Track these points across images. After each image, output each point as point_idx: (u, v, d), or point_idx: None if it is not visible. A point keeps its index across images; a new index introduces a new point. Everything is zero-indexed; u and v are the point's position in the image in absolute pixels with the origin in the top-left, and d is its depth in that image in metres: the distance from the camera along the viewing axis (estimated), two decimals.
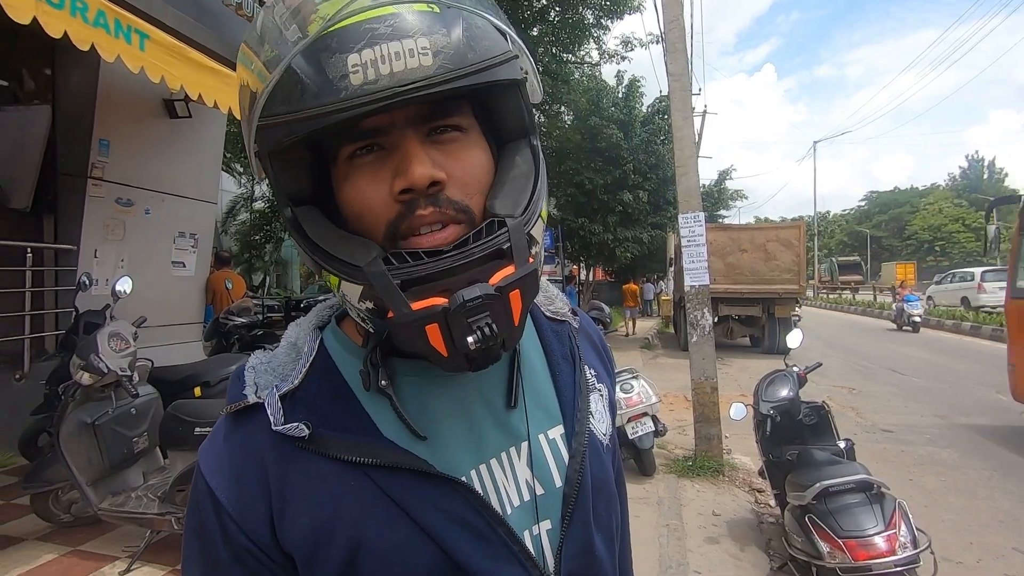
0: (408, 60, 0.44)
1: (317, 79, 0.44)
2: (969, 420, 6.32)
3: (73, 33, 2.72)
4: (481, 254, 0.47)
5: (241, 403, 0.53)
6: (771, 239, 11.16)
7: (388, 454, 0.51)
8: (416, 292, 0.46)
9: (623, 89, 14.47)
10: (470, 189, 0.50)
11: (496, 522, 0.52)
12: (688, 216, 4.91)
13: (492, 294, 0.45)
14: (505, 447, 0.56)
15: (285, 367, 0.55)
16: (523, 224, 0.50)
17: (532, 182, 0.53)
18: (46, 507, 3.14)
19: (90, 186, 4.67)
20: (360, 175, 0.49)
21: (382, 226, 0.49)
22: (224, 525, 0.50)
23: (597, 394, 0.66)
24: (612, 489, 0.64)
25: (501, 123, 0.54)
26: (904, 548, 2.33)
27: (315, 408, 0.52)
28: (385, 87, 0.43)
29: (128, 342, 3.00)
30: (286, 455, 0.51)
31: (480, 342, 0.45)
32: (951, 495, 4.24)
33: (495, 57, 0.48)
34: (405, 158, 0.47)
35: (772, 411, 3.17)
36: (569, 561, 0.56)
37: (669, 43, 5.27)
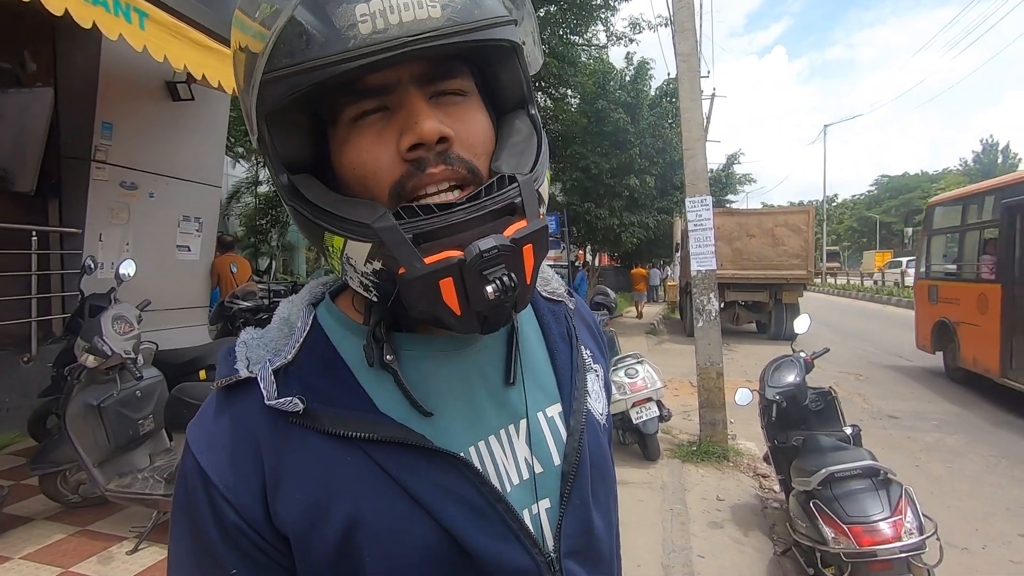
0: (417, 11, 0.43)
1: (323, 29, 0.42)
2: (976, 407, 6.27)
3: (74, 10, 2.69)
4: (494, 207, 0.46)
5: (232, 377, 0.51)
6: (779, 224, 11.06)
7: (385, 429, 0.49)
8: (428, 247, 0.44)
9: (631, 71, 14.25)
10: (476, 150, 0.50)
11: (495, 499, 0.51)
12: (695, 200, 4.85)
13: (508, 245, 0.44)
14: (504, 424, 0.56)
15: (278, 342, 0.54)
16: (532, 180, 0.49)
17: (536, 145, 0.53)
18: (54, 488, 3.17)
19: (94, 169, 4.65)
20: (363, 136, 0.48)
21: (387, 187, 0.47)
22: (215, 503, 0.48)
23: (593, 374, 0.66)
24: (610, 468, 0.64)
25: (500, 92, 0.54)
26: (910, 534, 2.32)
27: (309, 383, 0.51)
28: (395, 36, 0.42)
29: (132, 325, 3.00)
30: (279, 431, 0.49)
31: (499, 292, 0.44)
32: (958, 481, 4.22)
33: (500, 16, 0.48)
34: (412, 114, 0.46)
35: (778, 396, 3.15)
36: (568, 539, 0.55)
37: (678, 23, 5.17)
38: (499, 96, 0.54)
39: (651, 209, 14.35)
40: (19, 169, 4.55)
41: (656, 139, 13.82)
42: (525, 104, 0.55)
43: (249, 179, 16.55)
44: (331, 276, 0.61)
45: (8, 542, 2.89)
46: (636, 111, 13.29)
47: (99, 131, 4.65)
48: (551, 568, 0.53)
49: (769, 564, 3.03)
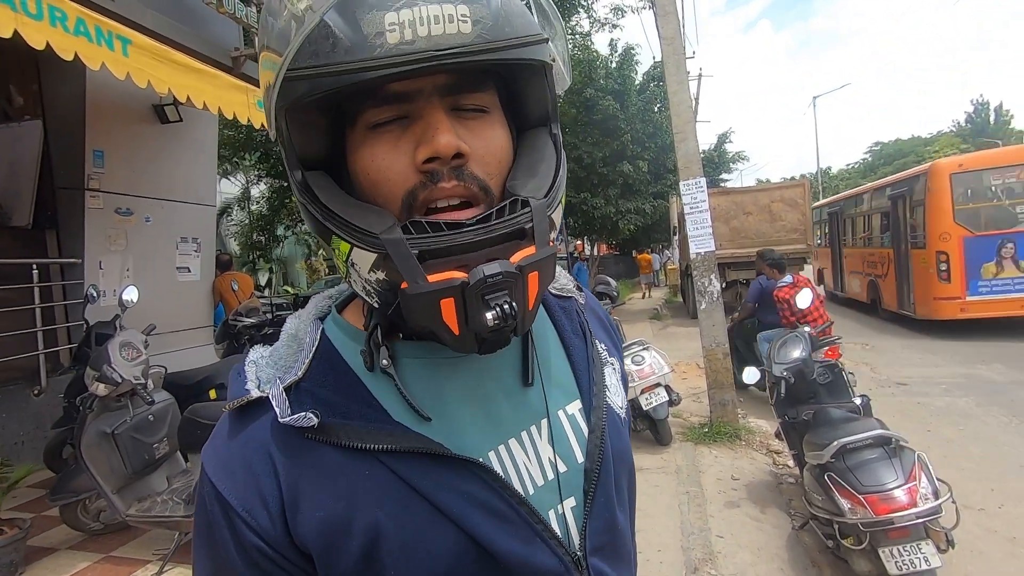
0: (447, 25, 0.43)
1: (351, 34, 0.42)
2: (986, 367, 6.28)
3: (55, 43, 2.70)
4: (503, 231, 0.46)
5: (244, 398, 0.51)
6: (775, 200, 11.03)
7: (401, 439, 0.49)
8: (433, 265, 0.44)
9: (617, 58, 14.20)
10: (491, 168, 0.49)
11: (518, 502, 0.51)
12: (690, 183, 4.85)
13: (512, 272, 0.44)
14: (525, 426, 0.55)
15: (287, 359, 0.54)
16: (545, 206, 0.49)
17: (554, 168, 0.52)
18: (75, 517, 3.20)
19: (88, 198, 4.68)
20: (380, 142, 0.48)
21: (399, 196, 0.47)
22: (234, 526, 0.48)
23: (610, 367, 0.66)
24: (631, 460, 0.64)
25: (524, 108, 0.54)
26: (925, 500, 2.33)
27: (321, 398, 0.51)
28: (421, 49, 0.42)
29: (139, 350, 3.02)
30: (295, 448, 0.49)
31: (499, 319, 0.43)
32: (970, 443, 4.23)
33: (530, 36, 0.47)
34: (431, 127, 0.46)
35: (785, 372, 3.16)
36: (594, 537, 0.55)
37: (659, 6, 5.15)
38: (522, 112, 0.54)
39: (646, 194, 14.31)
40: (14, 203, 4.57)
41: (646, 124, 13.77)
42: (548, 122, 0.54)
43: (240, 196, 16.56)
44: (335, 289, 0.62)
45: (34, 573, 2.92)
46: (624, 97, 13.24)
47: (91, 159, 4.66)
48: (578, 566, 0.53)
49: (788, 539, 3.05)
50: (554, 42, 0.52)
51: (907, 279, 8.72)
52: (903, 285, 8.91)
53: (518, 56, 0.46)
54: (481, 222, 0.46)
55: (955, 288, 7.53)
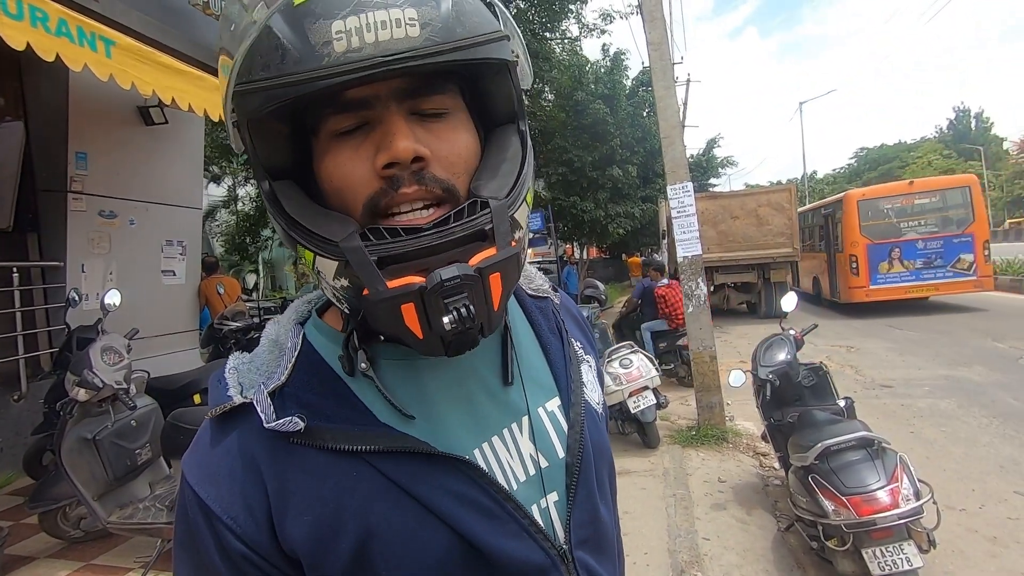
0: (394, 30, 0.43)
1: (298, 44, 0.42)
2: (968, 369, 6.38)
3: (36, 44, 2.66)
4: (462, 234, 0.46)
5: (226, 405, 0.51)
6: (762, 204, 11.14)
7: (387, 439, 0.49)
8: (393, 270, 0.44)
9: (607, 63, 14.30)
10: (455, 168, 0.49)
11: (504, 498, 0.52)
12: (676, 187, 4.88)
13: (471, 275, 0.44)
14: (506, 423, 0.56)
15: (269, 365, 0.54)
16: (507, 207, 0.48)
17: (518, 166, 0.52)
18: (55, 524, 3.15)
19: (71, 200, 4.61)
20: (341, 149, 0.48)
21: (361, 202, 0.47)
22: (219, 534, 0.48)
23: (586, 364, 0.67)
24: (610, 454, 0.65)
25: (489, 106, 0.53)
26: (907, 500, 2.36)
27: (305, 402, 0.50)
28: (369, 56, 0.42)
29: (122, 355, 2.98)
30: (280, 453, 0.49)
31: (456, 323, 0.43)
32: (952, 444, 4.29)
33: (484, 35, 0.47)
34: (388, 132, 0.46)
35: (771, 375, 3.19)
36: (578, 530, 0.56)
37: (646, 12, 5.19)
38: (488, 111, 0.54)
39: (635, 198, 14.40)
40: None
41: (635, 129, 13.88)
42: (516, 119, 0.54)
43: (226, 198, 16.42)
44: (314, 294, 0.62)
45: None
46: (614, 102, 13.33)
47: (73, 162, 4.60)
48: (564, 559, 0.54)
49: (774, 541, 3.07)
50: (514, 39, 0.52)
51: (835, 275, 11.57)
52: (832, 279, 11.71)
53: (473, 56, 0.46)
54: (438, 226, 0.46)
55: (862, 280, 10.38)
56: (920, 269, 9.99)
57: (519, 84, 0.53)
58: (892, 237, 10.23)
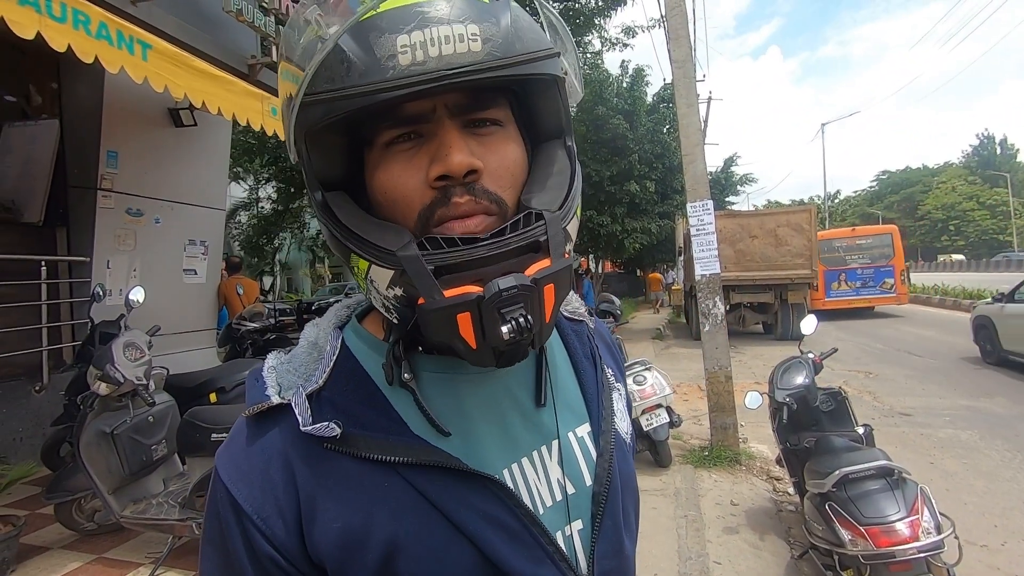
0: (457, 45, 0.44)
1: (365, 58, 0.44)
2: (990, 400, 6.23)
3: (76, 46, 2.75)
4: (517, 244, 0.46)
5: (264, 404, 0.51)
6: (781, 224, 11.04)
7: (420, 452, 0.49)
8: (449, 280, 0.45)
9: (628, 78, 14.35)
10: (504, 182, 0.50)
11: (530, 522, 0.51)
12: (696, 205, 4.86)
13: (528, 285, 0.44)
14: (536, 446, 0.56)
15: (307, 366, 0.54)
16: (560, 219, 0.49)
17: (568, 179, 0.52)
18: (70, 516, 3.19)
19: (100, 198, 4.72)
20: (395, 161, 0.49)
21: (415, 213, 0.48)
22: (248, 534, 0.48)
23: (617, 393, 0.66)
24: (636, 486, 0.64)
25: (538, 121, 0.54)
26: (928, 534, 2.30)
27: (342, 407, 0.50)
28: (433, 69, 0.43)
29: (143, 351, 3.03)
30: (314, 457, 0.49)
31: (514, 333, 0.43)
32: (973, 477, 4.18)
33: (540, 51, 0.48)
34: (443, 145, 0.47)
35: (788, 399, 3.14)
36: (602, 561, 0.55)
37: (671, 30, 5.22)
38: (537, 126, 0.54)
39: (652, 214, 14.35)
40: (27, 200, 4.62)
41: (655, 145, 13.87)
42: (563, 135, 0.55)
43: (247, 199, 16.67)
44: (353, 299, 0.62)
45: (25, 572, 2.90)
46: (634, 117, 13.35)
47: (104, 160, 4.72)
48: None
49: (786, 568, 3.01)
50: (565, 56, 0.53)
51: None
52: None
53: (529, 71, 0.47)
54: (495, 236, 0.46)
55: (820, 294, 13.37)
56: (859, 288, 13.95)
57: (567, 100, 0.54)
58: (840, 265, 13.94)
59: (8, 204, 4.60)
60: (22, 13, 2.50)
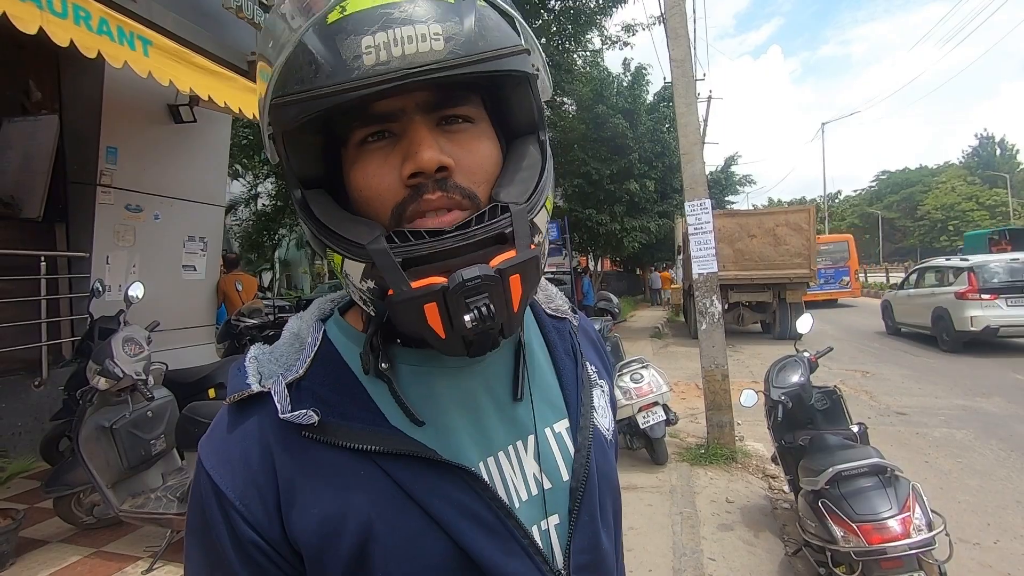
0: (420, 44, 0.45)
1: (330, 58, 0.45)
2: (986, 400, 6.26)
3: (79, 41, 2.76)
4: (483, 236, 0.47)
5: (245, 392, 0.52)
6: (780, 224, 11.05)
7: (396, 442, 0.50)
8: (417, 272, 0.46)
9: (629, 77, 14.35)
10: (477, 177, 0.51)
11: (505, 515, 0.52)
12: (694, 204, 4.88)
13: (491, 275, 0.45)
14: (512, 440, 0.56)
15: (289, 357, 0.55)
16: (526, 211, 0.50)
17: (538, 173, 0.53)
18: (68, 510, 3.20)
19: (100, 193, 4.73)
20: (369, 159, 0.50)
21: (389, 209, 0.49)
22: (231, 520, 0.49)
23: (599, 389, 0.67)
24: (616, 482, 0.65)
25: (510, 117, 0.55)
26: (919, 531, 2.32)
27: (321, 397, 0.51)
28: (396, 68, 0.44)
29: (142, 346, 3.04)
30: (293, 445, 0.50)
31: (477, 321, 0.44)
32: (968, 476, 4.21)
33: (505, 48, 0.49)
34: (414, 143, 0.48)
35: (783, 397, 3.16)
36: (578, 555, 0.56)
37: (670, 29, 5.22)
38: (509, 121, 0.55)
39: (652, 213, 14.38)
40: (27, 196, 4.63)
41: (655, 143, 13.90)
42: (536, 130, 0.56)
43: (245, 196, 16.64)
44: (338, 293, 0.63)
45: (24, 565, 2.91)
46: (634, 116, 13.37)
47: (104, 156, 4.72)
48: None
49: (780, 565, 3.03)
50: (535, 52, 0.54)
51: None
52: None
53: (495, 68, 0.48)
54: (460, 228, 0.47)
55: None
56: (823, 284, 16.22)
57: (539, 96, 0.55)
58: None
59: (8, 200, 4.60)
60: (24, 9, 2.50)
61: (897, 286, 11.76)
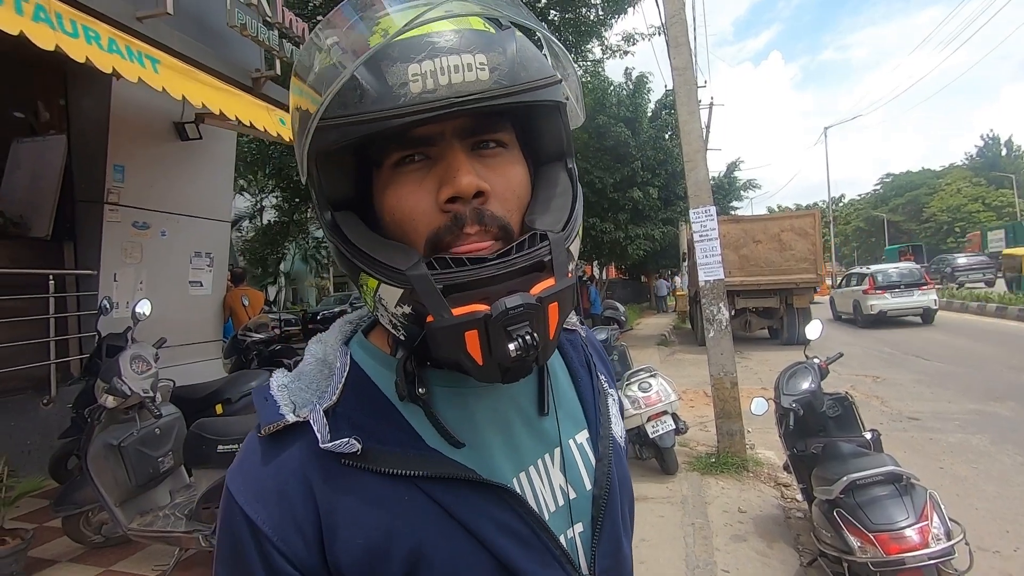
0: (466, 73, 0.45)
1: (378, 85, 0.45)
2: (999, 405, 6.17)
3: (95, 58, 2.82)
4: (523, 264, 0.48)
5: (279, 423, 0.51)
6: (785, 229, 11.01)
7: (437, 465, 0.50)
8: (457, 298, 0.46)
9: (630, 86, 14.41)
10: (510, 204, 0.51)
11: (540, 528, 0.53)
12: (699, 211, 4.87)
13: (533, 304, 0.46)
14: (541, 454, 0.58)
15: (319, 384, 0.54)
16: (563, 239, 0.51)
17: (571, 201, 0.55)
18: (77, 529, 3.20)
19: (107, 211, 4.77)
20: (404, 183, 0.50)
21: (424, 235, 0.49)
22: (267, 555, 0.48)
23: (611, 399, 0.68)
24: (631, 488, 0.66)
25: (540, 144, 0.56)
26: (937, 540, 2.28)
27: (358, 423, 0.51)
28: (443, 97, 0.45)
29: (149, 364, 3.05)
30: (332, 474, 0.49)
31: (521, 350, 0.45)
32: (984, 482, 4.14)
33: (544, 79, 0.50)
34: (452, 167, 0.49)
35: (794, 404, 3.12)
36: (602, 561, 0.57)
37: (672, 38, 5.24)
38: (539, 148, 0.56)
39: (656, 220, 14.37)
40: (35, 215, 4.67)
41: (657, 151, 13.90)
42: (564, 157, 0.57)
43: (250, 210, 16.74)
44: (356, 314, 0.63)
45: None
46: (636, 125, 13.40)
47: (111, 174, 4.77)
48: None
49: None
50: (567, 82, 0.55)
51: None
52: None
53: (533, 98, 0.49)
54: (501, 256, 0.47)
55: None
56: None
57: (569, 124, 0.56)
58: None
59: (17, 219, 4.65)
60: (38, 29, 2.57)
61: (838, 286, 16.60)
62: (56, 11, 2.73)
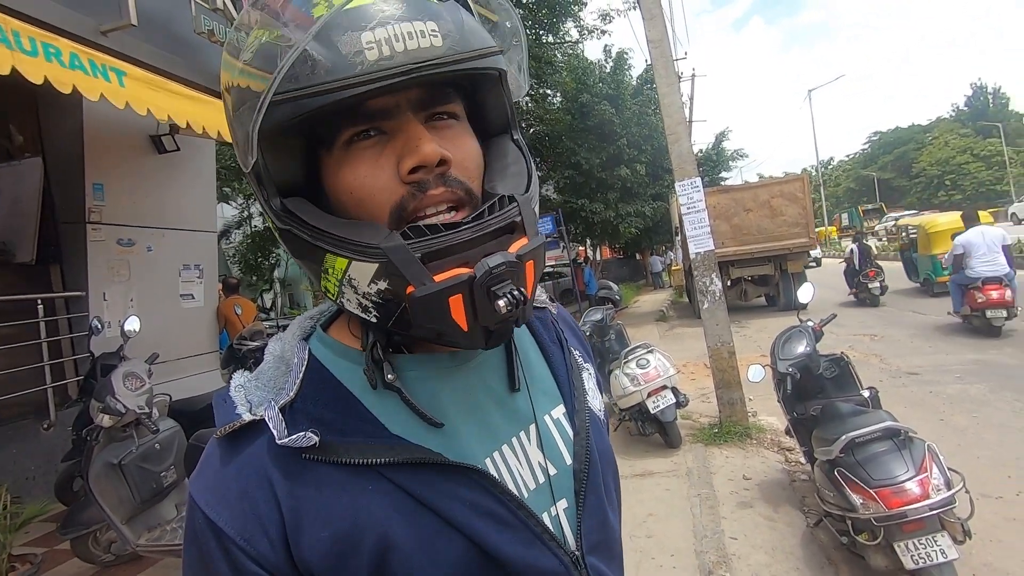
0: (420, 40, 0.45)
1: (330, 55, 0.44)
2: (998, 352, 6.21)
3: (53, 78, 2.75)
4: (497, 226, 0.48)
5: (236, 423, 0.50)
6: (775, 195, 10.98)
7: (402, 451, 0.50)
8: (435, 266, 0.46)
9: (611, 62, 14.30)
10: (471, 172, 0.52)
11: (516, 506, 0.52)
12: (685, 183, 4.85)
13: (514, 261, 0.46)
14: (515, 432, 0.57)
15: (276, 381, 0.53)
16: (529, 200, 0.52)
17: (525, 167, 0.56)
18: (87, 549, 3.20)
19: (90, 231, 4.73)
20: (360, 160, 0.49)
21: (386, 210, 0.48)
22: (232, 557, 0.47)
23: (586, 372, 0.68)
24: (613, 458, 0.66)
25: (486, 117, 0.57)
26: (938, 491, 2.30)
27: (316, 416, 0.50)
28: (400, 63, 0.44)
29: (143, 380, 3.04)
30: (293, 469, 0.49)
31: (511, 305, 0.45)
32: (985, 431, 4.17)
33: (491, 47, 0.51)
34: (412, 138, 0.48)
35: (791, 368, 3.14)
36: (589, 536, 0.57)
37: (645, 10, 5.18)
38: (485, 121, 0.57)
39: (645, 197, 14.34)
40: (18, 240, 4.63)
41: (642, 127, 13.84)
42: (509, 129, 0.57)
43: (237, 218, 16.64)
44: (316, 310, 0.62)
45: None
46: (619, 102, 13.31)
47: (91, 193, 4.72)
48: (577, 565, 0.54)
49: (803, 537, 3.01)
50: (513, 50, 0.56)
51: None
52: None
53: (484, 65, 0.49)
54: (475, 220, 0.48)
55: None
56: None
57: (511, 96, 0.56)
58: None
59: (0, 246, 4.61)
60: None
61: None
62: (13, 29, 2.67)
